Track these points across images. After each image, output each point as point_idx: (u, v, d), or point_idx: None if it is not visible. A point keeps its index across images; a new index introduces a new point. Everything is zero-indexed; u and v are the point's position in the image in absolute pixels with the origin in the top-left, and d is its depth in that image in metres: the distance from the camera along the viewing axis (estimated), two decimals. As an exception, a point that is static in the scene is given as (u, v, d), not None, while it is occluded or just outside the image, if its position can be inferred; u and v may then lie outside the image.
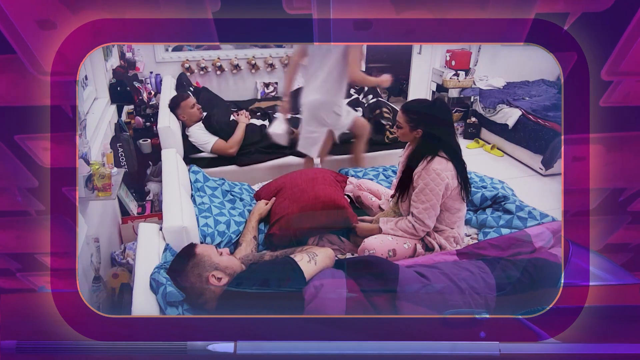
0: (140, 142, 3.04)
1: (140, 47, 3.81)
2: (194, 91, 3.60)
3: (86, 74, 2.66)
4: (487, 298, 1.61)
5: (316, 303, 1.48)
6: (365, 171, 2.62)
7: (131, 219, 2.56)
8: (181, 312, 1.50)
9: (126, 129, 2.98)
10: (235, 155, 3.05)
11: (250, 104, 3.70)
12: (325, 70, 2.49)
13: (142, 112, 3.34)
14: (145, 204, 2.79)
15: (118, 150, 2.62)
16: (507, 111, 3.77)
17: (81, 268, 1.68)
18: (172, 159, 2.29)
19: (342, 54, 2.42)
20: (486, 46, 3.91)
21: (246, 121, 3.18)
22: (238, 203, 2.26)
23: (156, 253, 1.70)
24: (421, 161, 1.94)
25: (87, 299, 1.49)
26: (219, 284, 1.55)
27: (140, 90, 3.24)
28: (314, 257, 1.61)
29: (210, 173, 2.40)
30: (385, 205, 2.25)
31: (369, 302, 1.54)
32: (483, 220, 2.18)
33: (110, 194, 1.89)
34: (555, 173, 3.36)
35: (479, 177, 2.49)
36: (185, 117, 3.07)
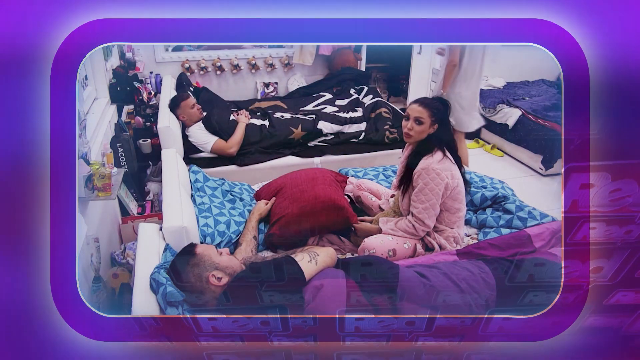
0: (140, 142, 3.04)
1: (140, 47, 3.81)
2: (194, 91, 3.60)
3: (86, 74, 2.66)
4: (487, 298, 1.61)
5: (316, 303, 1.48)
6: (365, 171, 2.62)
7: (131, 219, 2.56)
8: (181, 312, 1.50)
9: (126, 129, 2.98)
10: (235, 155, 3.05)
11: (250, 104, 3.70)
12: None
13: (142, 112, 3.33)
14: (145, 204, 2.79)
15: (118, 150, 2.62)
16: (507, 111, 3.77)
17: (81, 268, 1.68)
18: (172, 159, 2.29)
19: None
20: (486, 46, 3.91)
21: (246, 121, 3.18)
22: (238, 203, 2.26)
23: (156, 253, 1.70)
24: (421, 160, 1.94)
25: (87, 299, 1.49)
26: (219, 284, 1.55)
27: (140, 90, 3.24)
28: (314, 256, 1.60)
29: (210, 173, 2.40)
30: (385, 205, 2.25)
31: (369, 302, 1.54)
32: (483, 220, 2.18)
33: (110, 194, 1.89)
34: (555, 173, 3.36)
35: (479, 177, 2.49)
36: (185, 117, 3.07)
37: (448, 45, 2.55)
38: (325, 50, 4.28)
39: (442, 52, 2.71)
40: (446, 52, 2.62)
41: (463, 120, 2.79)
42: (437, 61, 4.13)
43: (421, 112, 1.96)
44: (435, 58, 4.11)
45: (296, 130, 3.14)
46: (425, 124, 1.96)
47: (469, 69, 2.62)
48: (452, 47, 2.55)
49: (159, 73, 3.83)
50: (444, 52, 2.65)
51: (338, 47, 4.22)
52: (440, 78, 2.75)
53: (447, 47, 2.60)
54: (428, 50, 4.17)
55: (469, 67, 2.62)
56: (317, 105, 3.59)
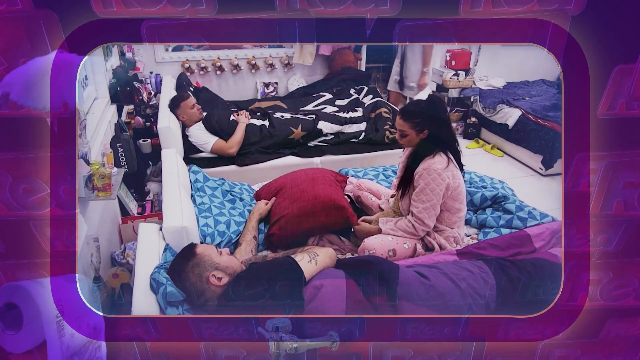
0: (140, 142, 3.04)
1: (140, 47, 3.81)
2: (194, 91, 3.60)
3: (86, 74, 2.66)
4: (487, 298, 1.61)
5: (316, 303, 1.48)
6: (365, 171, 2.62)
7: (131, 219, 2.56)
8: (181, 312, 1.50)
9: (126, 129, 2.98)
10: (235, 155, 3.05)
11: (250, 104, 3.70)
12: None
13: (142, 112, 3.34)
14: (145, 204, 2.79)
15: (118, 150, 2.62)
16: (507, 111, 3.77)
17: (81, 268, 1.68)
18: (172, 159, 2.29)
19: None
20: (486, 46, 3.91)
21: (246, 121, 3.18)
22: (238, 203, 2.26)
23: (156, 253, 1.70)
24: (422, 161, 1.94)
25: (87, 299, 1.49)
26: (220, 284, 1.55)
27: (140, 90, 3.24)
28: (314, 257, 1.60)
29: (210, 173, 2.40)
30: (385, 205, 2.25)
31: (369, 302, 1.54)
32: (483, 220, 2.18)
33: (110, 194, 1.89)
34: (555, 173, 3.36)
35: (479, 177, 2.49)
36: (185, 117, 3.07)
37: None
38: (325, 50, 4.28)
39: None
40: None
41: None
42: (437, 61, 4.14)
43: (402, 126, 1.95)
44: (435, 58, 4.12)
45: (296, 130, 3.14)
46: (409, 135, 1.95)
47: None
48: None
49: (159, 73, 3.83)
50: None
51: (338, 47, 4.23)
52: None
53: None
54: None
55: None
56: (317, 105, 3.59)
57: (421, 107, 1.98)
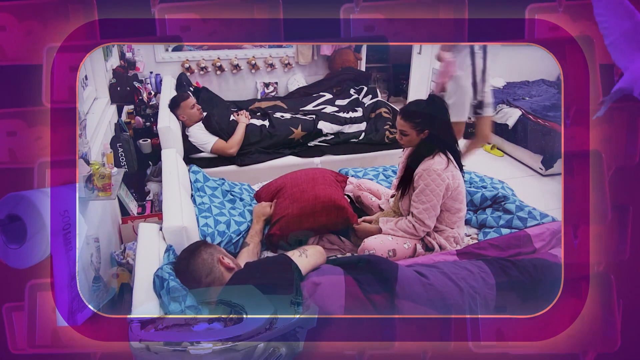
0: (140, 142, 3.04)
1: (140, 47, 3.82)
2: (194, 91, 3.60)
3: (86, 74, 2.66)
4: (486, 298, 1.61)
5: (315, 299, 1.48)
6: (365, 171, 2.62)
7: (131, 219, 2.56)
8: (183, 308, 1.50)
9: (126, 129, 2.98)
10: (235, 155, 3.05)
11: (250, 104, 3.70)
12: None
13: (142, 112, 3.34)
14: (145, 204, 2.79)
15: (118, 150, 2.62)
16: (507, 111, 3.77)
17: (81, 268, 1.68)
18: (172, 159, 2.29)
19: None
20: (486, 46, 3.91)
21: (246, 121, 3.18)
22: (238, 203, 2.26)
23: (156, 253, 1.70)
24: (422, 161, 1.94)
25: (87, 299, 1.49)
26: (228, 266, 1.62)
27: (140, 90, 3.24)
28: (303, 251, 1.66)
29: (210, 173, 2.40)
30: (385, 205, 2.25)
31: (368, 300, 1.54)
32: (483, 220, 2.18)
33: (110, 194, 1.89)
34: (555, 173, 3.36)
35: (479, 177, 2.49)
36: (185, 117, 3.07)
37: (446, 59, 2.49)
38: (326, 51, 4.28)
39: (442, 58, 2.67)
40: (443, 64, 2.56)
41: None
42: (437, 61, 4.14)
43: (403, 125, 1.96)
44: (435, 58, 4.11)
45: (296, 130, 3.14)
46: (410, 135, 1.96)
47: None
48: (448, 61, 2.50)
49: (159, 73, 3.83)
50: (443, 57, 2.61)
51: (338, 47, 4.23)
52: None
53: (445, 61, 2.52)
54: (428, 51, 4.17)
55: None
56: (317, 106, 3.59)
57: (422, 107, 1.99)
